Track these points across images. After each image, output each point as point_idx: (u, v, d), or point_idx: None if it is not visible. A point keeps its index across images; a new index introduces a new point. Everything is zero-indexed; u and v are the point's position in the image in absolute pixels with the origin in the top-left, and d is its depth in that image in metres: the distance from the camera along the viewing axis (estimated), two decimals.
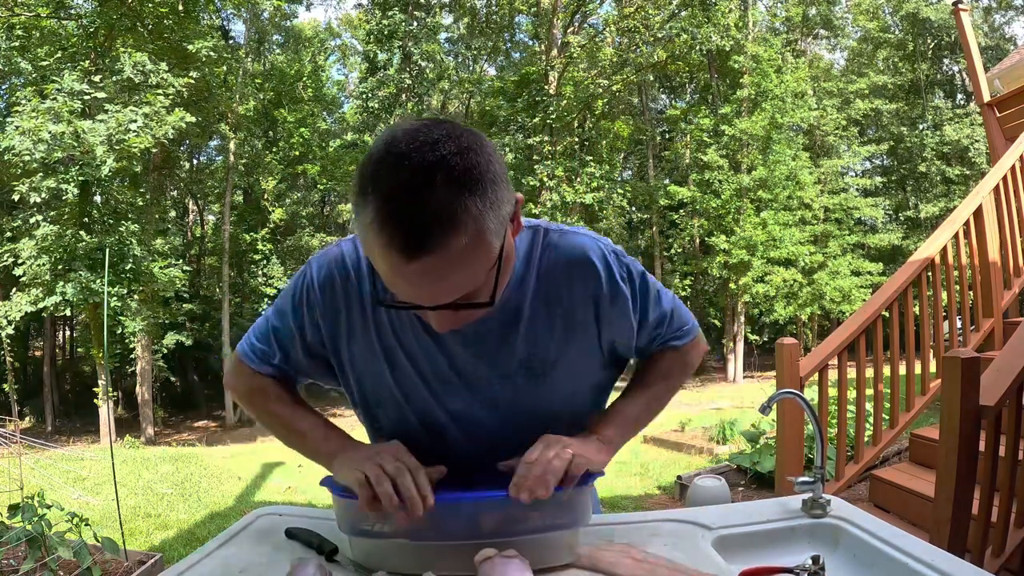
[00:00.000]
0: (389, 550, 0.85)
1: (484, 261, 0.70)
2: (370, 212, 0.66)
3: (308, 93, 21.44)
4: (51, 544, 2.74)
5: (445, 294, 0.70)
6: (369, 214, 0.66)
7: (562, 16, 19.10)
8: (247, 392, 1.01)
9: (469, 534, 0.83)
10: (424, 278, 0.67)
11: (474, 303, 0.73)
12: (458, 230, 0.65)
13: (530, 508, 0.81)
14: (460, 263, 0.67)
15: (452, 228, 0.65)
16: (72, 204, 12.42)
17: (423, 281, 0.68)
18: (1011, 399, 2.06)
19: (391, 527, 0.83)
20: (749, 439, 5.68)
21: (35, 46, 12.83)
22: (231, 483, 6.77)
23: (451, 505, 0.83)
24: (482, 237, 0.67)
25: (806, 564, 0.83)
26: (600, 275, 0.88)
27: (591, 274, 0.88)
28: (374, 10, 17.03)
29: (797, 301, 17.05)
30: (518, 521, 0.83)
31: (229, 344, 18.03)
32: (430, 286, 0.68)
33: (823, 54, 24.99)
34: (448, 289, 0.69)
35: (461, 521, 0.84)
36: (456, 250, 0.65)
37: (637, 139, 23.27)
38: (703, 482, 3.35)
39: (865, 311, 3.17)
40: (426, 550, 0.84)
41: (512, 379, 0.90)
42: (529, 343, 0.88)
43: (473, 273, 0.70)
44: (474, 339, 0.87)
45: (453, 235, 0.65)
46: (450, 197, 0.65)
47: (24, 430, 8.71)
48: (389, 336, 0.89)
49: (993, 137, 4.59)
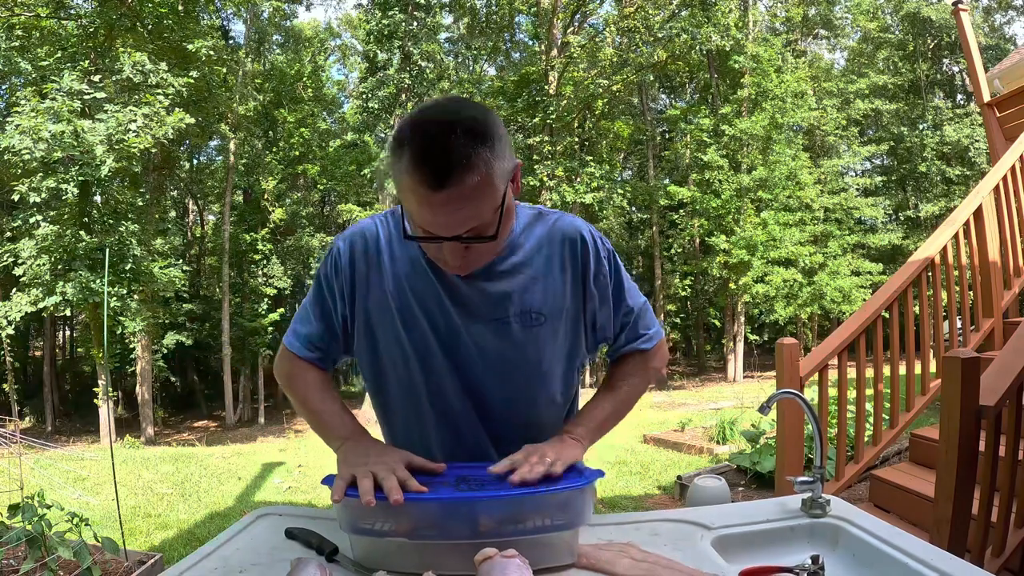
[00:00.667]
0: (389, 549, 0.85)
1: (491, 200, 0.87)
2: (406, 160, 0.85)
3: (308, 93, 21.44)
4: (51, 544, 2.74)
5: (460, 223, 0.87)
6: (405, 161, 0.85)
7: (562, 16, 19.10)
8: (287, 376, 1.12)
9: (468, 534, 0.83)
10: (446, 207, 0.84)
11: (481, 237, 0.89)
12: (472, 171, 0.84)
13: (529, 508, 0.82)
14: (473, 197, 0.85)
15: (468, 169, 0.83)
16: (72, 204, 12.42)
17: (444, 210, 0.85)
18: (1011, 399, 2.06)
19: (390, 526, 0.83)
20: (749, 439, 5.68)
21: (35, 46, 12.83)
22: (231, 483, 6.76)
23: (451, 504, 0.83)
24: (490, 179, 0.86)
25: (806, 564, 0.84)
26: (590, 250, 1.06)
27: (583, 248, 1.06)
28: (374, 10, 17.01)
29: (797, 301, 17.03)
30: (517, 521, 0.83)
31: (229, 344, 18.05)
32: (448, 215, 0.86)
33: (823, 54, 25.01)
34: (463, 219, 0.87)
35: (460, 520, 0.84)
36: (470, 185, 0.84)
37: (637, 139, 23.27)
38: (703, 482, 3.35)
39: (865, 311, 3.17)
40: (426, 549, 0.84)
41: (508, 324, 1.03)
42: (526, 296, 1.03)
43: (482, 208, 0.87)
44: (479, 287, 1.02)
45: (468, 174, 0.83)
46: (467, 145, 0.83)
47: (24, 430, 8.71)
48: (404, 289, 1.04)
49: (993, 137, 4.59)
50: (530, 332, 1.03)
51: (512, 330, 1.03)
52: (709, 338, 27.29)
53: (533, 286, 1.03)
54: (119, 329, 14.14)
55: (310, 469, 7.61)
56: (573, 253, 1.05)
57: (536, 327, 1.03)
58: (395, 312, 1.04)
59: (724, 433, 6.75)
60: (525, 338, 1.04)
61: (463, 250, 0.91)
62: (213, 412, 21.02)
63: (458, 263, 0.93)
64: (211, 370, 22.18)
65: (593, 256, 1.06)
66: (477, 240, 0.89)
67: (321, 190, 22.93)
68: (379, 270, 1.05)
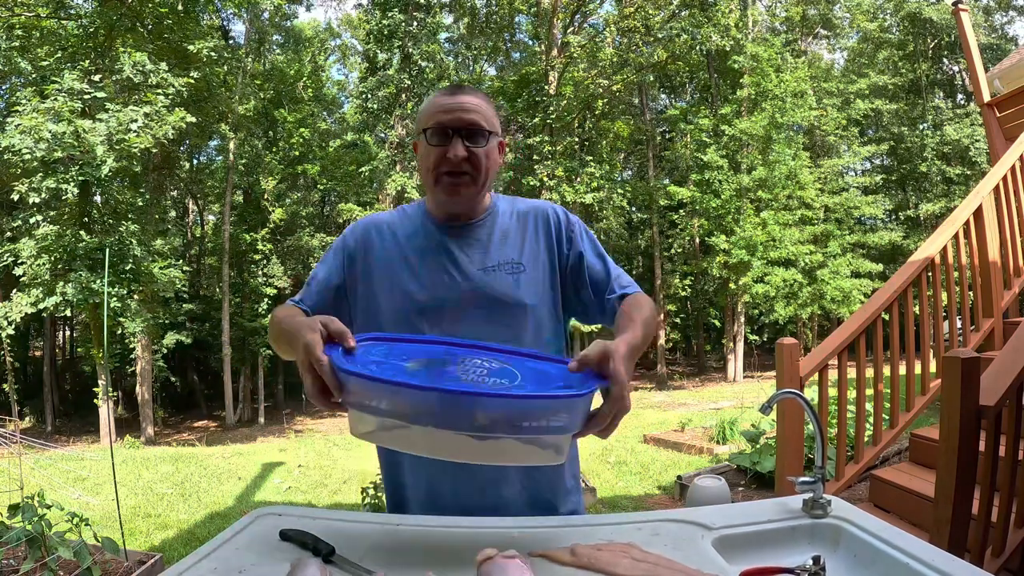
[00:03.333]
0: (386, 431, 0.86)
1: (487, 120, 1.16)
2: (430, 96, 1.20)
3: (308, 93, 21.44)
4: (51, 544, 2.75)
5: (466, 119, 1.14)
6: (429, 97, 1.20)
7: (562, 16, 19.11)
8: (272, 315, 1.23)
9: (464, 426, 0.81)
10: (459, 104, 1.15)
11: (478, 137, 1.15)
12: (476, 94, 1.18)
13: (527, 407, 0.83)
14: (476, 109, 1.15)
15: (474, 92, 1.19)
16: (72, 204, 12.42)
17: (458, 106, 1.15)
18: (1011, 399, 2.06)
19: (389, 406, 0.83)
20: (749, 439, 5.68)
21: (35, 46, 12.83)
22: (231, 483, 6.77)
23: (451, 395, 0.82)
24: (489, 109, 1.18)
25: (806, 564, 0.83)
26: (560, 215, 1.28)
27: (554, 214, 1.28)
28: (374, 10, 17.01)
29: (797, 301, 17.02)
30: (514, 420, 0.82)
31: (229, 344, 18.05)
32: (460, 111, 1.14)
33: (823, 54, 25.01)
34: (471, 117, 1.14)
35: (461, 411, 0.81)
36: (478, 99, 1.17)
37: (637, 139, 23.29)
38: (703, 482, 3.35)
39: (865, 311, 3.16)
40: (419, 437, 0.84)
41: (495, 271, 1.20)
42: (508, 250, 1.22)
43: (482, 117, 1.15)
44: (468, 242, 1.22)
45: (474, 94, 1.18)
46: (474, 89, 1.20)
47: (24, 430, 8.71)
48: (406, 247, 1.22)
49: (993, 137, 4.59)
50: (515, 278, 1.21)
51: (499, 275, 1.20)
52: (709, 338, 27.30)
53: (513, 242, 1.23)
54: (119, 329, 14.13)
55: (310, 469, 7.62)
56: (545, 218, 1.27)
57: (518, 274, 1.21)
58: (403, 269, 1.20)
59: (724, 433, 6.75)
60: (512, 281, 1.20)
61: (464, 149, 1.14)
62: (213, 412, 21.02)
63: (462, 154, 1.14)
64: (211, 370, 22.15)
65: (564, 219, 1.27)
66: (474, 137, 1.14)
67: (321, 190, 22.93)
68: (383, 248, 1.24)
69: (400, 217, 1.28)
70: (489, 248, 1.21)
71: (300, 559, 0.83)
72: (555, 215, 1.27)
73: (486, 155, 1.16)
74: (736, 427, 6.73)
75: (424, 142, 1.16)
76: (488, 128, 1.15)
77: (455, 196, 1.17)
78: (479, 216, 1.24)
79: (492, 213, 1.25)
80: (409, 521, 1.06)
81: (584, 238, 1.27)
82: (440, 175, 1.16)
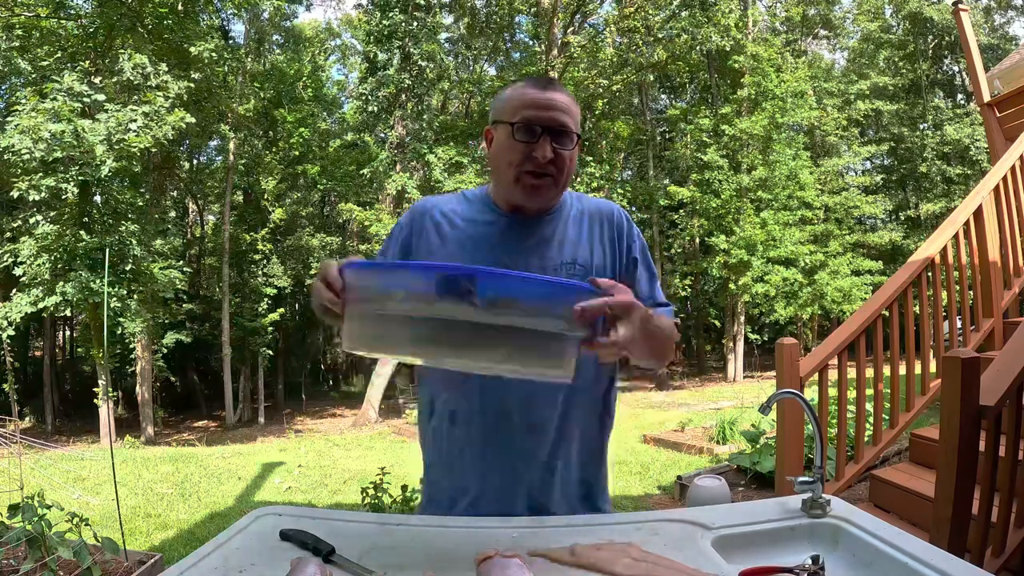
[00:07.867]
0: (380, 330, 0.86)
1: (574, 121, 1.13)
2: (515, 85, 1.16)
3: (308, 93, 21.42)
4: (51, 544, 2.74)
5: (556, 117, 1.10)
6: (514, 85, 1.16)
7: (562, 16, 19.09)
8: None
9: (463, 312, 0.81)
10: (551, 102, 1.11)
11: (565, 137, 1.12)
12: (566, 92, 1.15)
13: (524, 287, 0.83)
14: (565, 108, 1.12)
15: (564, 90, 1.15)
16: (72, 204, 12.40)
17: (550, 103, 1.11)
18: (1011, 399, 2.06)
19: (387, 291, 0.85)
20: (749, 439, 5.68)
21: (35, 46, 12.81)
22: (231, 483, 6.77)
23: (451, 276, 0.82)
24: (576, 109, 1.15)
25: (806, 564, 0.83)
26: (624, 221, 1.26)
27: (618, 218, 1.26)
28: (374, 10, 17.00)
29: (797, 301, 17.02)
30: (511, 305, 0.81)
31: (229, 344, 18.04)
32: (553, 110, 1.10)
33: (823, 54, 25.00)
34: (559, 116, 1.11)
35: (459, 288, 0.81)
36: (568, 98, 1.14)
37: (637, 139, 23.25)
38: (703, 482, 3.35)
39: (865, 311, 3.16)
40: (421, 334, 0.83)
41: (555, 271, 1.18)
42: (565, 248, 1.20)
43: (570, 117, 1.12)
44: (534, 242, 1.19)
45: (564, 92, 1.14)
46: (562, 87, 1.16)
47: (24, 430, 8.71)
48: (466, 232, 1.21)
49: (993, 137, 4.59)
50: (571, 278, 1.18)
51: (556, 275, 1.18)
52: (709, 338, 27.29)
53: (574, 242, 1.21)
54: (119, 329, 14.13)
55: (310, 469, 7.62)
56: (611, 220, 1.25)
57: (575, 276, 1.18)
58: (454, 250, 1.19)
59: (724, 433, 6.75)
60: None
61: (552, 151, 1.10)
62: (213, 412, 21.01)
63: (548, 155, 1.10)
64: (211, 370, 22.16)
65: (627, 224, 1.26)
66: (562, 138, 1.11)
67: (321, 190, 22.92)
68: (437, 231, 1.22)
69: (460, 202, 1.26)
70: (551, 246, 1.19)
71: (300, 559, 0.83)
72: (619, 218, 1.26)
73: (570, 158, 1.13)
74: (736, 427, 6.73)
75: (508, 135, 1.11)
76: (576, 131, 1.13)
77: (535, 197, 1.15)
78: (547, 212, 1.21)
79: (560, 209, 1.23)
80: (409, 521, 1.06)
81: (638, 246, 1.26)
82: (522, 173, 1.12)
